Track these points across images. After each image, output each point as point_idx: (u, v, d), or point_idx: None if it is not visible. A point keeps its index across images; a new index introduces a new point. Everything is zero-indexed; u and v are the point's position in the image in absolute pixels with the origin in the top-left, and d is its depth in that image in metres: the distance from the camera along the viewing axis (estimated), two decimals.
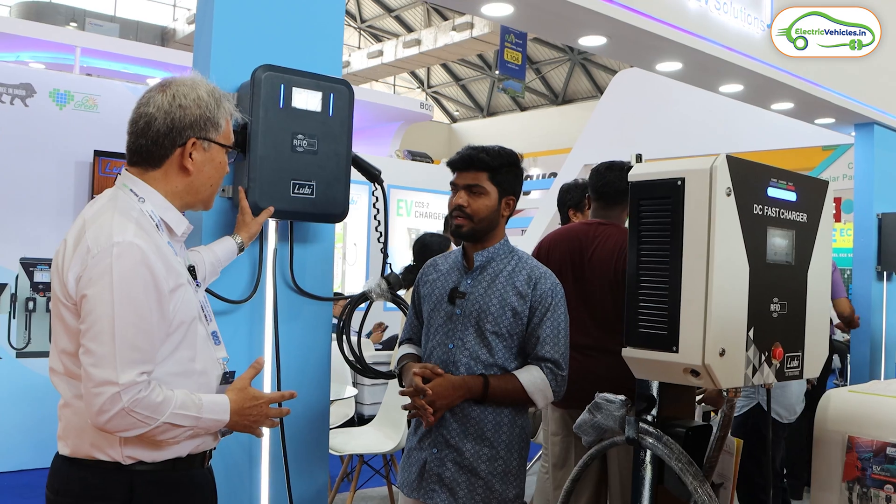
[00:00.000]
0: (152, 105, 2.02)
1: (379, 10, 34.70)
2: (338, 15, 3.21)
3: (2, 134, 5.97)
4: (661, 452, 2.74)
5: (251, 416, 2.10)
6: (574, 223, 3.96)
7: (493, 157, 2.74)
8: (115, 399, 1.80)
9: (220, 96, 2.10)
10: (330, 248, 3.21)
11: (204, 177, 2.10)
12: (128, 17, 30.51)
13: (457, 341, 2.72)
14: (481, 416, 2.67)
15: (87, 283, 1.86)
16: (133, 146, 2.06)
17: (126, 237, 1.88)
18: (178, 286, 1.98)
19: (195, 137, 2.04)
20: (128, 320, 1.84)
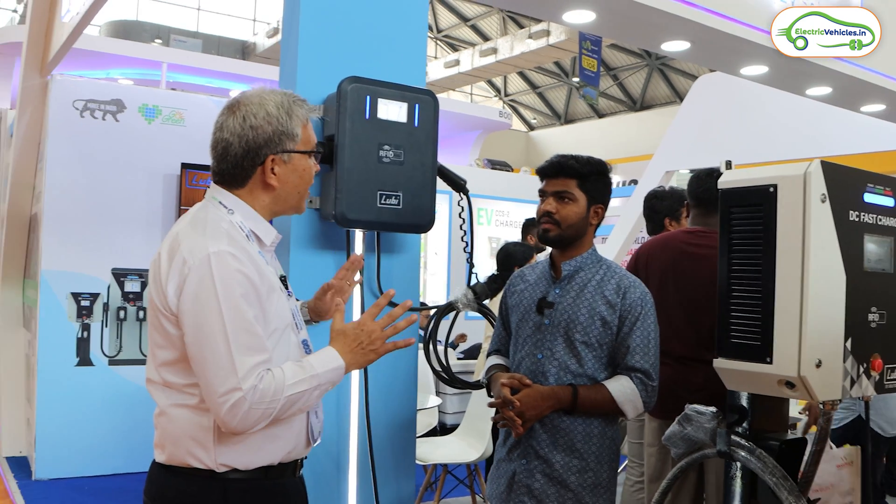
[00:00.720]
0: (226, 130, 2.05)
1: (455, 20, 34.82)
2: (421, 25, 3.24)
3: (94, 149, 6.15)
4: (753, 466, 2.67)
5: (364, 345, 2.08)
6: (674, 231, 3.89)
7: (582, 165, 2.73)
8: (240, 403, 1.85)
9: (290, 105, 2.09)
10: (416, 259, 3.23)
11: (289, 187, 2.12)
12: (210, 33, 31.25)
13: (545, 352, 2.70)
14: (571, 426, 2.64)
15: (189, 295, 1.90)
16: (216, 169, 2.10)
17: (220, 247, 1.91)
18: (272, 292, 2.01)
19: (272, 154, 2.06)
20: (239, 326, 1.88)
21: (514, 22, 31.75)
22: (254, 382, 1.86)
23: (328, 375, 2.01)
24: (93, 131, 6.15)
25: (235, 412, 1.85)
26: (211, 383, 1.88)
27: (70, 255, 6.10)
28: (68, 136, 6.07)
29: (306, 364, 1.99)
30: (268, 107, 2.06)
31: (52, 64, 5.84)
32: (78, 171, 6.11)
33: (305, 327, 2.26)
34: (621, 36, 5.86)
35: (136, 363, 6.29)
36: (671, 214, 4.43)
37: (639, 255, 3.71)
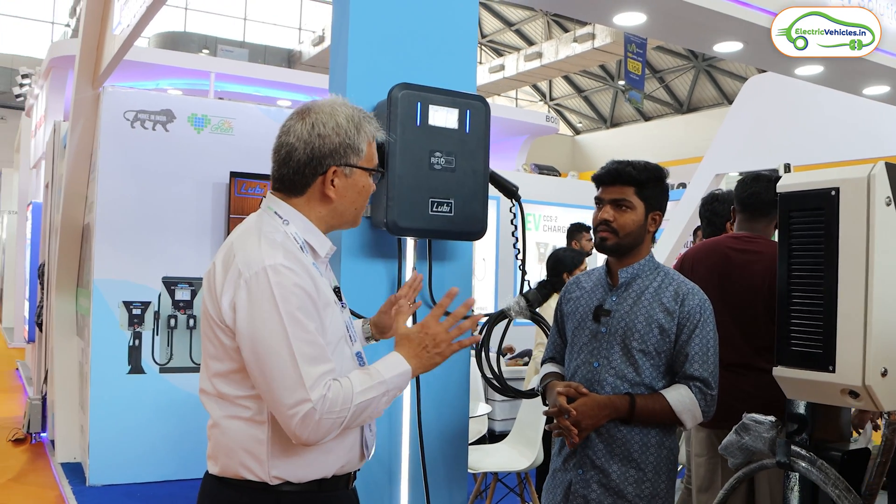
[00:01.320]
0: (292, 135, 2.03)
1: (499, 25, 34.79)
2: (470, 30, 3.21)
3: (145, 159, 6.22)
4: (815, 478, 2.60)
5: (429, 348, 2.04)
6: (718, 237, 3.82)
7: (639, 172, 2.67)
8: (311, 414, 1.83)
9: (360, 120, 2.08)
10: (468, 266, 3.20)
11: (347, 202, 2.10)
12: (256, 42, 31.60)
13: (602, 360, 2.65)
14: (628, 436, 2.59)
15: (246, 309, 1.88)
16: (276, 174, 2.08)
17: (276, 260, 1.89)
18: (327, 305, 1.99)
19: (336, 165, 2.03)
20: (301, 338, 1.86)
21: (559, 26, 31.64)
22: (322, 392, 1.84)
23: (396, 381, 1.98)
24: (143, 141, 6.22)
25: (307, 424, 1.83)
26: (278, 397, 1.85)
27: (122, 265, 6.17)
28: (119, 147, 6.15)
29: (373, 371, 1.96)
30: (338, 118, 2.04)
31: (103, 76, 5.92)
32: (129, 180, 6.18)
33: (359, 339, 2.23)
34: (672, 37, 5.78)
35: (187, 371, 6.34)
36: (732, 219, 4.34)
37: (684, 260, 3.64)
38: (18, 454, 7.21)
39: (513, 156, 13.69)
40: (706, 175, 9.31)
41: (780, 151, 8.66)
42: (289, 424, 1.85)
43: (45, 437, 7.52)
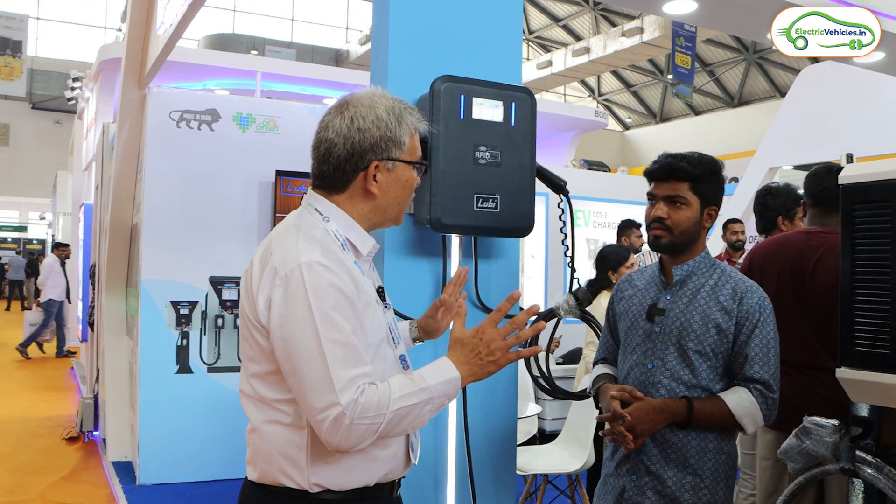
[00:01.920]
0: (331, 130, 1.95)
1: (546, 21, 34.60)
2: (515, 21, 3.10)
3: (190, 158, 6.21)
4: (882, 485, 2.47)
5: (483, 355, 1.90)
6: (790, 232, 3.67)
7: (694, 166, 2.53)
8: (341, 419, 1.74)
9: (401, 112, 1.99)
10: (515, 263, 3.10)
11: (390, 197, 2.01)
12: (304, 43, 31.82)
13: (656, 361, 2.52)
14: (684, 441, 2.46)
15: (279, 308, 1.81)
16: (316, 171, 2.00)
17: (313, 257, 1.81)
18: (367, 305, 1.90)
19: (377, 160, 1.95)
20: (334, 339, 1.77)
21: (607, 20, 31.37)
22: (353, 396, 1.75)
23: (441, 388, 1.85)
24: (189, 141, 6.21)
25: (337, 429, 1.74)
26: (308, 400, 1.78)
27: (169, 265, 6.17)
28: (165, 147, 6.15)
29: (417, 376, 1.85)
30: (378, 110, 1.95)
31: (148, 76, 5.93)
32: (175, 180, 6.18)
33: (403, 342, 2.14)
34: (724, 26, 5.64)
35: (235, 370, 6.31)
36: (785, 212, 4.19)
37: (753, 256, 3.49)
38: (71, 452, 7.28)
39: (561, 151, 13.55)
40: (759, 169, 9.09)
41: (838, 143, 8.42)
42: (319, 429, 1.77)
43: (97, 435, 7.59)
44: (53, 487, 6.18)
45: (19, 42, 27.24)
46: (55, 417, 8.69)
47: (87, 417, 7.56)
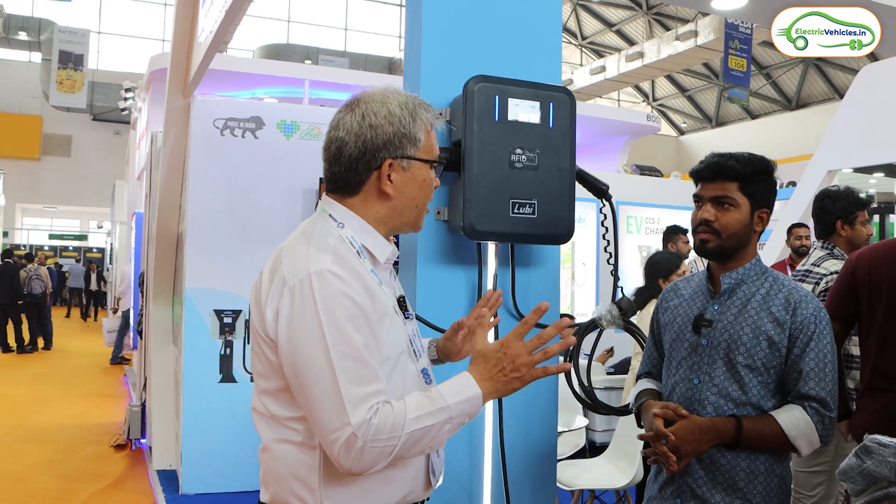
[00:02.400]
0: (342, 128, 1.85)
1: (600, 26, 34.32)
2: (554, 18, 2.96)
3: (234, 166, 6.16)
4: None
5: (507, 371, 1.76)
6: None
7: (743, 165, 2.36)
8: (352, 441, 1.63)
9: (415, 107, 1.87)
10: (555, 272, 2.95)
11: (407, 198, 1.89)
12: (357, 52, 31.95)
13: (703, 376, 2.35)
14: (733, 462, 2.29)
15: (286, 319, 1.70)
16: (328, 174, 1.90)
17: (323, 266, 1.70)
18: (383, 316, 1.78)
19: (391, 158, 1.83)
20: (345, 354, 1.66)
21: (661, 24, 31.01)
22: (366, 416, 1.63)
23: (462, 406, 1.72)
24: (233, 149, 6.17)
25: (348, 451, 1.63)
26: (318, 420, 1.66)
27: (212, 273, 6.13)
28: (209, 155, 6.11)
29: (435, 394, 1.72)
30: (390, 105, 1.84)
31: (192, 85, 5.90)
32: (220, 188, 6.14)
33: (426, 354, 2.02)
34: None
35: None
36: (844, 216, 3.97)
37: (858, 262, 3.26)
38: (118, 460, 7.30)
39: (613, 157, 13.30)
40: (817, 172, 8.77)
41: None
42: (330, 450, 1.65)
43: (144, 443, 7.60)
44: (98, 495, 6.19)
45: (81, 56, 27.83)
46: (105, 424, 8.74)
47: (134, 425, 7.57)
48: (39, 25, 28.83)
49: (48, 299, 16.70)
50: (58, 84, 26.94)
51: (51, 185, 30.96)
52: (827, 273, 3.87)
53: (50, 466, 7.03)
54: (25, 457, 7.38)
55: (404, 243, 2.85)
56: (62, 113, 29.59)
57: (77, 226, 35.18)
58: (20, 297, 15.68)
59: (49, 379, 12.32)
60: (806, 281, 3.96)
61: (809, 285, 3.92)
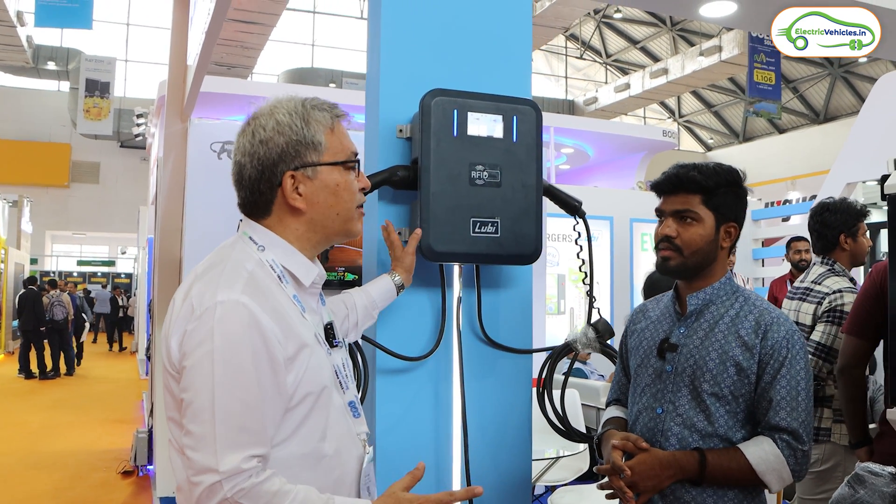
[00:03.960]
0: (238, 151, 1.77)
1: (624, 44, 34.19)
2: (524, 27, 2.83)
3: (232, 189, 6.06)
4: None
5: None
6: None
7: (706, 177, 2.21)
8: (215, 489, 1.49)
9: (307, 110, 1.75)
10: (527, 293, 2.81)
11: (322, 208, 1.77)
12: None
13: (667, 405, 2.19)
14: (698, 499, 2.11)
15: (187, 349, 1.58)
16: (239, 200, 1.82)
17: (232, 295, 1.58)
18: (301, 350, 1.65)
19: (291, 170, 1.73)
20: (233, 395, 1.53)
21: (685, 41, 30.86)
22: (236, 469, 1.50)
23: None
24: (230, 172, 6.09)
25: (209, 497, 1.49)
26: (187, 456, 1.54)
27: None
28: (207, 179, 6.02)
29: (328, 500, 1.60)
30: (278, 115, 1.74)
31: (188, 108, 5.85)
32: (217, 212, 6.01)
33: (354, 383, 1.89)
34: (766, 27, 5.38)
35: None
36: (846, 229, 3.78)
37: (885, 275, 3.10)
38: (124, 486, 7.24)
39: (631, 174, 13.16)
40: (836, 184, 8.56)
41: None
42: (190, 493, 1.51)
43: (151, 470, 7.51)
44: None
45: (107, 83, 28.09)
46: (115, 451, 8.68)
47: (140, 451, 7.50)
48: (67, 55, 29.17)
49: (70, 325, 16.76)
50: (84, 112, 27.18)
51: (79, 211, 31.26)
52: (829, 292, 3.69)
53: (55, 494, 6.99)
54: (32, 484, 7.34)
55: (367, 265, 2.73)
56: (90, 140, 29.89)
57: (106, 252, 35.47)
58: (42, 323, 15.75)
59: (67, 405, 12.31)
60: (807, 300, 3.78)
61: (811, 304, 3.74)
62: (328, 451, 1.70)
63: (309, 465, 1.66)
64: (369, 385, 2.61)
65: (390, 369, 2.58)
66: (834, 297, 3.66)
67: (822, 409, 3.63)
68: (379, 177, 2.48)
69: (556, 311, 9.14)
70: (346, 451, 1.75)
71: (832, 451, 3.60)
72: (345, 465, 1.74)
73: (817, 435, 3.61)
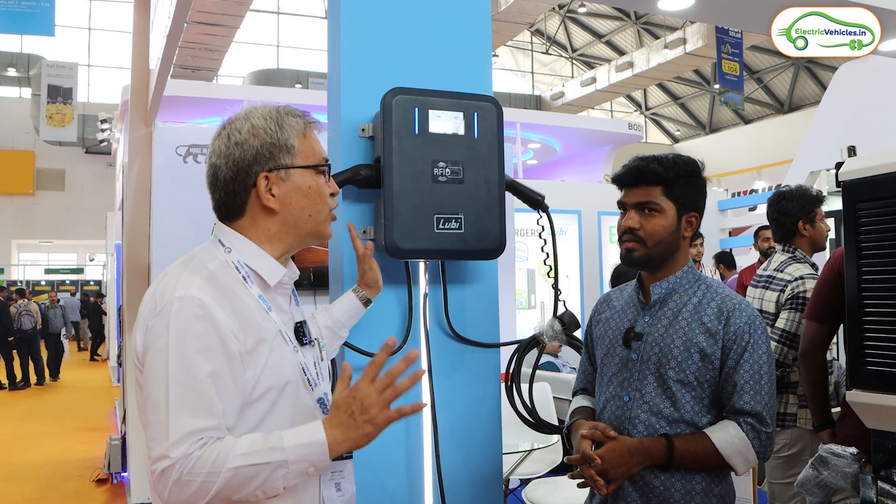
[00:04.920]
0: (214, 154, 1.84)
1: (589, 38, 34.34)
2: (483, 25, 2.85)
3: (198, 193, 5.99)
4: None
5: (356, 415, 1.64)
6: None
7: (666, 168, 2.25)
8: (168, 472, 1.55)
9: (281, 115, 1.83)
10: (493, 288, 2.84)
11: (295, 209, 1.83)
12: None
13: (634, 393, 2.23)
14: (667, 484, 2.15)
15: (147, 344, 1.65)
16: (213, 202, 1.88)
17: (189, 291, 1.65)
18: (260, 344, 1.69)
19: (265, 171, 1.79)
20: (184, 382, 1.59)
21: (650, 34, 31.05)
22: (187, 450, 1.55)
23: (300, 451, 1.61)
24: (197, 175, 6.00)
25: (164, 482, 1.55)
26: (148, 446, 1.60)
27: None
28: (173, 183, 5.99)
29: (274, 436, 1.62)
30: (253, 119, 1.81)
31: (152, 112, 5.81)
32: (185, 216, 6.00)
33: (326, 380, 1.92)
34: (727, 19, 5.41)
35: None
36: (804, 216, 3.85)
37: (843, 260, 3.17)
38: (98, 495, 7.21)
39: (598, 167, 13.24)
40: (800, 173, 8.68)
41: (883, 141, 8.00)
42: (151, 480, 1.58)
43: (125, 477, 7.47)
44: None
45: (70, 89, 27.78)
46: (89, 459, 8.64)
47: (114, 459, 7.47)
48: (28, 61, 28.87)
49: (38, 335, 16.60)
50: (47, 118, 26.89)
51: (46, 219, 30.92)
52: (791, 279, 3.74)
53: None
54: (4, 497, 7.28)
55: (332, 265, 2.74)
56: (55, 147, 29.60)
57: (74, 259, 35.12)
58: (10, 333, 15.58)
59: (38, 415, 12.21)
60: (770, 288, 3.83)
61: (774, 292, 3.80)
62: None
63: None
64: None
65: (359, 367, 2.57)
66: (796, 283, 3.71)
67: (788, 395, 3.69)
68: (342, 176, 2.50)
69: (526, 305, 9.19)
70: None
71: (799, 436, 3.66)
72: None
73: (784, 420, 3.67)
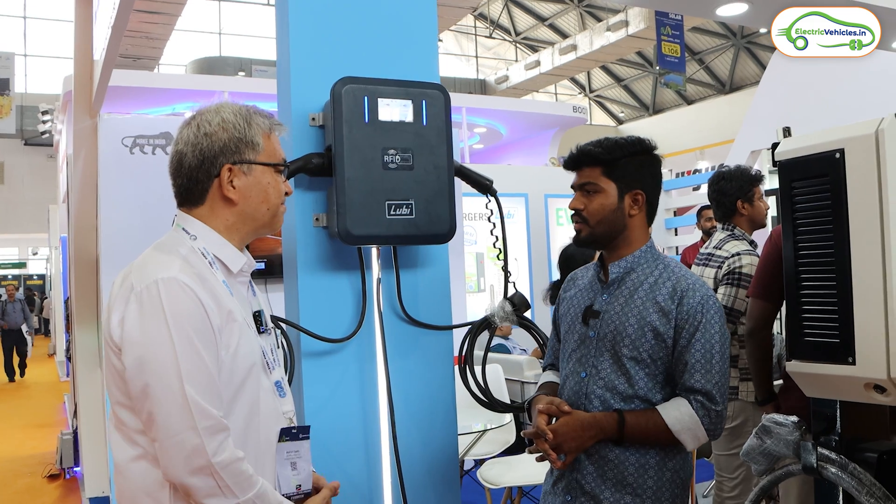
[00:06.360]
0: (181, 141, 1.89)
1: (532, 21, 34.44)
2: (429, 13, 2.90)
3: (146, 185, 5.96)
4: (846, 484, 2.27)
5: None
6: None
7: (605, 150, 2.32)
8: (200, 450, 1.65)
9: (249, 114, 1.91)
10: (444, 272, 2.90)
11: (253, 202, 1.90)
12: None
13: (590, 369, 2.30)
14: (622, 458, 2.23)
15: (133, 323, 1.70)
16: (175, 188, 1.93)
17: (170, 273, 1.72)
18: (230, 322, 1.78)
19: (230, 163, 1.86)
20: (193, 363, 1.68)
21: (592, 16, 31.23)
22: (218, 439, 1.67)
23: None
24: (144, 166, 5.99)
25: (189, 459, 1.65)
26: (161, 423, 1.66)
27: None
28: (120, 174, 5.94)
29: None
30: (224, 113, 1.89)
31: (97, 103, 5.75)
32: (133, 207, 5.96)
33: (281, 366, 1.98)
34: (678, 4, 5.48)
35: None
36: (742, 195, 3.96)
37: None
38: (51, 490, 7.14)
39: (544, 150, 13.36)
40: (741, 153, 8.85)
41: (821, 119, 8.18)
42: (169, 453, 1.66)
43: (78, 471, 7.41)
44: None
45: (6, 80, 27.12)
46: (40, 455, 8.52)
47: (66, 454, 7.40)
48: None
49: None
50: None
51: None
52: (728, 255, 3.86)
53: None
54: None
55: (286, 252, 2.78)
56: None
57: (16, 254, 34.42)
58: None
59: None
60: (709, 265, 3.94)
61: (712, 269, 3.91)
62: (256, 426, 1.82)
63: (240, 442, 1.75)
64: (295, 369, 2.66)
65: (315, 352, 2.64)
66: (732, 259, 3.82)
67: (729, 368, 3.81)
68: (294, 165, 2.54)
69: (476, 288, 9.28)
70: (271, 429, 1.87)
71: (741, 408, 3.78)
72: (271, 442, 1.87)
73: None
